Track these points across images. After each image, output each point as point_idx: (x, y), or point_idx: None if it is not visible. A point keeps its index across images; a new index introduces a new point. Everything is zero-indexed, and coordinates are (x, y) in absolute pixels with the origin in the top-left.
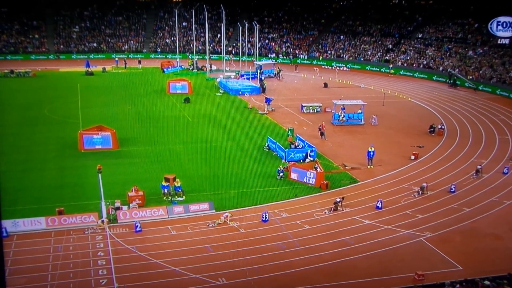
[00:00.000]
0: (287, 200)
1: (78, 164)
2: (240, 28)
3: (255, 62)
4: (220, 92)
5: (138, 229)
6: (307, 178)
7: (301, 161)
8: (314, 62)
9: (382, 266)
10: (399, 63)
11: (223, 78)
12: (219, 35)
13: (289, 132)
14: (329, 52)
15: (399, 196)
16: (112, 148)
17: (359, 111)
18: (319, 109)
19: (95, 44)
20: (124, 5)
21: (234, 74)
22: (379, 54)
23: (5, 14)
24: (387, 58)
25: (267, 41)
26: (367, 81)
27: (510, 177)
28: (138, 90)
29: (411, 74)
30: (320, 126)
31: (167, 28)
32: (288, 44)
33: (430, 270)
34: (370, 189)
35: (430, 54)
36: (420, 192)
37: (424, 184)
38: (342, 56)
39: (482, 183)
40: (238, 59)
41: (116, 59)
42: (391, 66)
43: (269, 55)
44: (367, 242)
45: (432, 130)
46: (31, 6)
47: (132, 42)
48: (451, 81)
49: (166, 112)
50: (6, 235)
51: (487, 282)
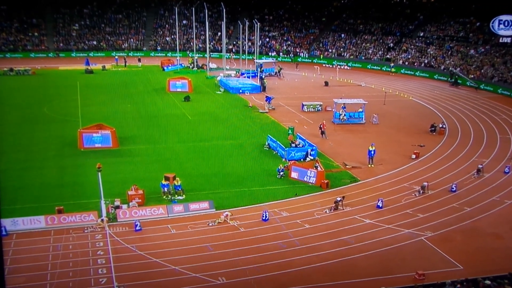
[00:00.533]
0: (288, 199)
1: (78, 163)
2: (241, 26)
3: (255, 61)
4: (220, 91)
5: (138, 228)
6: (308, 177)
7: (301, 160)
8: (315, 61)
9: (383, 265)
10: (400, 62)
11: (224, 77)
12: (219, 33)
13: (289, 130)
14: (330, 50)
15: (400, 195)
16: (112, 147)
17: (360, 109)
18: (320, 107)
19: (95, 42)
20: (124, 3)
21: (235, 72)
22: (380, 52)
23: (4, 12)
24: (388, 56)
25: (267, 39)
26: (368, 79)
27: (511, 176)
28: (138, 89)
29: (412, 73)
30: (320, 125)
31: (167, 26)
32: (289, 42)
33: (430, 269)
34: (371, 188)
35: (431, 52)
36: (421, 191)
37: (425, 183)
38: (343, 54)
39: (483, 183)
40: (239, 57)
41: (116, 57)
42: (392, 64)
43: (269, 54)
44: (367, 241)
45: (433, 129)
46: (31, 4)
47: (132, 40)
48: (453, 80)
49: (166, 111)
50: (6, 233)
51: (488, 282)
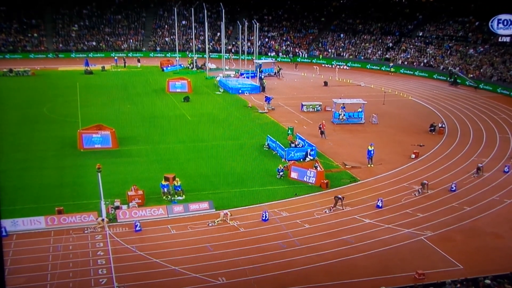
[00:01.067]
0: (287, 199)
1: (78, 163)
2: (240, 26)
3: (255, 61)
4: (219, 91)
5: (137, 228)
6: (307, 177)
7: (301, 160)
8: (314, 61)
9: (383, 265)
10: (400, 62)
11: (223, 77)
12: (218, 34)
13: (289, 131)
14: (329, 50)
15: (399, 195)
16: (112, 147)
17: (359, 109)
18: (319, 107)
19: (94, 43)
20: (123, 3)
21: (234, 72)
22: (379, 52)
23: (3, 13)
24: (387, 56)
25: (267, 39)
26: (367, 79)
27: (511, 175)
28: (137, 89)
29: (412, 73)
30: (320, 125)
31: (166, 26)
32: (288, 42)
33: (430, 269)
34: (371, 188)
35: (430, 52)
36: (420, 191)
37: (425, 181)
38: (342, 54)
39: (482, 182)
40: (238, 57)
41: (116, 58)
42: (392, 64)
43: (269, 54)
44: (367, 241)
45: (432, 128)
46: (30, 4)
47: (131, 40)
48: (452, 79)
49: (165, 111)
50: (6, 234)
51: (488, 281)
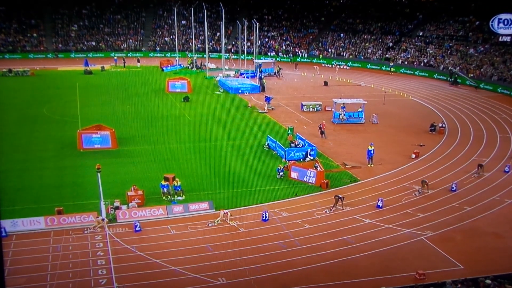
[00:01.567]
0: (287, 199)
1: (77, 164)
2: (240, 26)
3: (254, 61)
4: (219, 91)
5: (137, 228)
6: (307, 177)
7: (301, 160)
8: (314, 61)
9: (383, 265)
10: (400, 61)
11: (223, 77)
12: (218, 34)
13: (289, 131)
14: (329, 50)
15: (399, 195)
16: (111, 148)
17: (360, 109)
18: (319, 107)
19: (93, 43)
20: (122, 3)
21: (234, 72)
22: (379, 52)
23: (3, 13)
24: (387, 56)
25: (266, 39)
26: (367, 79)
27: (511, 175)
28: (137, 89)
29: (412, 72)
30: (320, 125)
31: (166, 26)
32: (288, 42)
33: (431, 269)
34: (371, 188)
35: (431, 52)
36: (420, 190)
37: (425, 180)
38: (342, 54)
39: (483, 182)
40: (238, 57)
41: (115, 57)
42: (392, 64)
43: (269, 54)
44: (367, 241)
45: (433, 128)
46: (29, 4)
47: (131, 40)
48: (452, 79)
49: (165, 111)
50: (5, 235)
51: (488, 281)
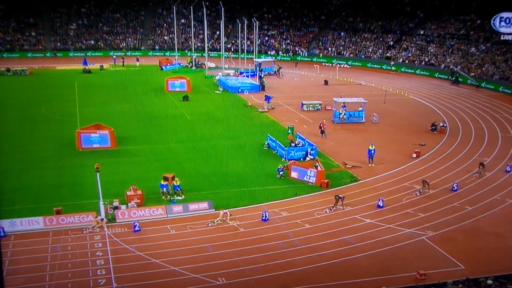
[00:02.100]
0: (287, 199)
1: (76, 163)
2: (239, 25)
3: (254, 60)
4: (219, 90)
5: (136, 228)
6: (308, 177)
7: (301, 159)
8: (314, 59)
9: (384, 265)
10: (401, 60)
11: (222, 76)
12: (218, 32)
13: (289, 130)
14: (329, 49)
15: (400, 194)
16: (110, 147)
17: (360, 108)
18: (320, 107)
19: (92, 42)
20: (121, 2)
21: (233, 71)
22: (380, 51)
23: (1, 11)
24: (388, 55)
25: (266, 38)
26: (368, 78)
27: None
28: (136, 88)
29: (413, 71)
30: (320, 124)
31: (165, 25)
32: (288, 41)
33: (432, 269)
34: (371, 187)
35: (432, 51)
36: (421, 190)
37: (426, 179)
38: (342, 53)
39: (484, 182)
40: (238, 56)
41: (114, 56)
42: (393, 63)
43: (268, 52)
44: (368, 241)
45: (434, 128)
46: (28, 3)
47: (130, 39)
48: (453, 78)
49: (164, 110)
50: (4, 235)
51: (489, 282)
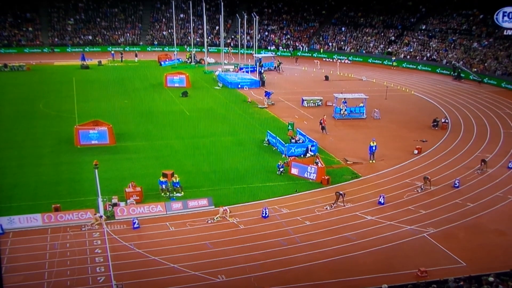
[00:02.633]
0: (288, 196)
1: (74, 160)
2: (239, 20)
3: (254, 55)
4: (218, 86)
5: (136, 225)
6: (308, 173)
7: (301, 156)
8: (315, 55)
9: (385, 262)
10: (402, 56)
11: (222, 71)
12: (217, 27)
13: (289, 126)
14: (330, 44)
15: (401, 191)
16: (109, 143)
17: (361, 104)
18: (320, 102)
19: (90, 37)
20: None
21: (233, 67)
22: (381, 46)
23: None
24: (389, 50)
25: (266, 33)
26: (369, 74)
27: None
28: (134, 84)
29: (414, 67)
30: (321, 120)
31: (164, 20)
32: (288, 36)
33: (433, 266)
34: (372, 184)
35: (433, 46)
36: (423, 186)
37: (428, 176)
38: (343, 48)
39: (486, 178)
40: (237, 51)
41: (112, 52)
42: (394, 58)
43: (268, 48)
44: (369, 238)
45: (435, 124)
46: None
47: (128, 34)
48: (455, 73)
49: (163, 107)
50: (2, 232)
51: (491, 279)
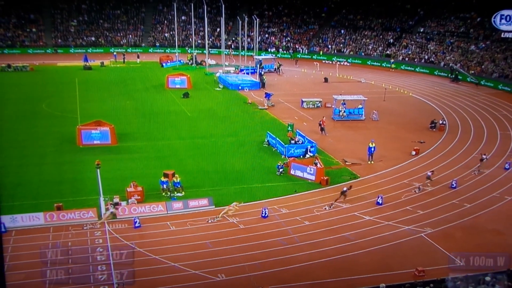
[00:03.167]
0: (287, 196)
1: (77, 159)
2: (240, 22)
3: (254, 57)
4: (219, 87)
5: (137, 225)
6: (307, 174)
7: (301, 156)
8: (315, 57)
9: (383, 262)
10: (400, 58)
11: (223, 73)
12: (218, 29)
13: (289, 127)
14: (329, 46)
15: (399, 192)
16: (111, 144)
17: (360, 106)
18: (319, 104)
19: (93, 38)
20: None
21: (234, 68)
22: (380, 48)
23: (1, 7)
24: (388, 52)
25: (267, 35)
26: (368, 76)
27: (511, 172)
28: (136, 85)
29: (413, 69)
30: (320, 122)
31: (166, 22)
32: (288, 38)
33: (430, 266)
34: (371, 184)
35: (431, 48)
36: (419, 188)
37: (429, 173)
38: (342, 50)
39: (483, 179)
40: (238, 53)
41: (115, 53)
42: (392, 60)
43: (269, 50)
44: (367, 238)
45: (433, 125)
46: None
47: (130, 36)
48: (453, 76)
49: (165, 107)
50: (5, 230)
51: (487, 278)
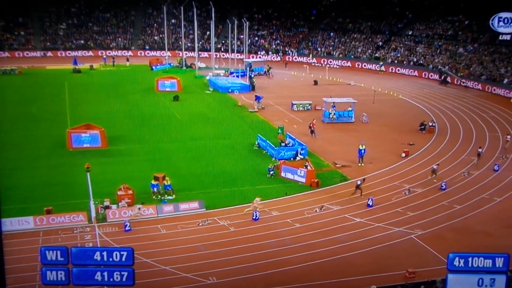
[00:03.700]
0: (278, 199)
1: (67, 163)
2: (230, 25)
3: (244, 60)
4: (209, 90)
5: (127, 228)
6: (298, 176)
7: (291, 159)
8: (304, 59)
9: (374, 263)
10: (390, 60)
11: (213, 76)
12: (208, 33)
13: (279, 130)
14: (319, 49)
15: (390, 193)
16: (101, 147)
17: (350, 108)
18: (310, 106)
19: (82, 41)
20: (112, 1)
21: (224, 71)
22: (369, 51)
23: None
24: (377, 55)
25: (256, 38)
26: (357, 78)
27: (500, 174)
28: (126, 88)
29: (402, 72)
30: (310, 124)
31: (155, 25)
32: (278, 41)
33: (421, 267)
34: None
35: (420, 51)
36: (410, 190)
37: (435, 166)
38: (332, 53)
39: (472, 180)
40: (228, 56)
41: (104, 56)
42: (382, 63)
43: (259, 53)
44: (358, 240)
45: (422, 127)
46: (16, 2)
47: (120, 39)
48: (441, 78)
49: (155, 110)
50: None
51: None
